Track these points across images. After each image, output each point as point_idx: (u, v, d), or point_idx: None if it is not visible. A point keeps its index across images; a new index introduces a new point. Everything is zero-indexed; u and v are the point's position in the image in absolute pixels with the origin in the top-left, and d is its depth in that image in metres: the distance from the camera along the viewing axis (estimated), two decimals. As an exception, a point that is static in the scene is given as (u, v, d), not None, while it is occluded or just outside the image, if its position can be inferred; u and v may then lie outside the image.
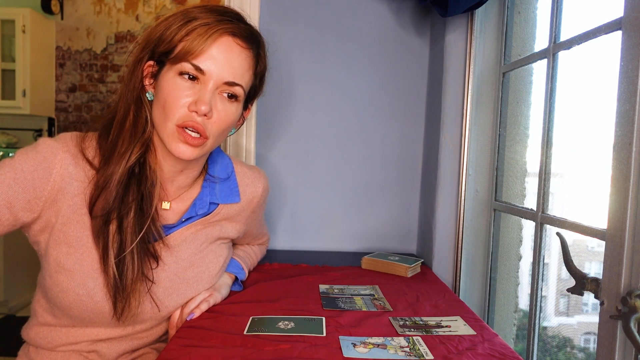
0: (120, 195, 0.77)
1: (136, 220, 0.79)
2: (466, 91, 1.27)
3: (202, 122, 0.77)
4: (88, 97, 3.56)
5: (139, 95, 0.80)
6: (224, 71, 0.77)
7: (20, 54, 3.13)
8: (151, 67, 0.80)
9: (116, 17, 3.50)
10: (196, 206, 0.90)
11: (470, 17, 1.25)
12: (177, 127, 0.77)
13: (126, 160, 0.78)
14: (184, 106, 0.76)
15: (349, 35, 1.47)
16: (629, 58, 0.70)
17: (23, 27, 3.12)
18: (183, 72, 0.76)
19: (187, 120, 0.76)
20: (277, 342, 0.77)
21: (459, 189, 1.29)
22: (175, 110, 0.76)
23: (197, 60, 0.75)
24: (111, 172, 0.77)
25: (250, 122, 1.46)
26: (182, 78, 0.76)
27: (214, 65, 0.76)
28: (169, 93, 0.76)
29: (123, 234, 0.78)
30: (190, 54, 0.75)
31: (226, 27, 0.77)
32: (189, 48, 0.75)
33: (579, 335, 1.37)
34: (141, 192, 0.80)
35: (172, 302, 0.87)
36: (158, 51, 0.78)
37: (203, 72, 0.76)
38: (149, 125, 0.81)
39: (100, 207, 0.77)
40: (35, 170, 0.74)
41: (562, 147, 0.97)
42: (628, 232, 0.69)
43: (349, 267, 1.27)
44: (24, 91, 3.14)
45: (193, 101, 0.76)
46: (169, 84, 0.76)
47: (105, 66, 3.55)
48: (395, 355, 0.74)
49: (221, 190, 0.94)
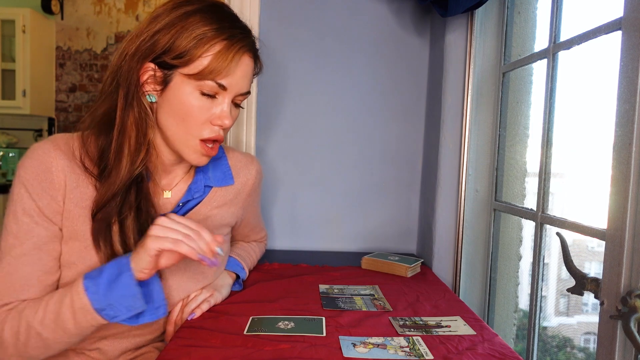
0: (123, 199, 0.79)
1: (137, 219, 0.80)
2: (466, 91, 1.27)
3: (222, 132, 0.83)
4: (88, 97, 3.56)
5: (137, 99, 0.79)
6: (242, 85, 0.82)
7: (20, 54, 3.12)
8: (153, 71, 0.78)
9: (116, 17, 3.50)
10: (192, 190, 0.92)
11: (470, 17, 1.25)
12: (200, 142, 0.81)
13: (134, 169, 0.79)
14: (207, 121, 0.80)
15: (349, 36, 1.47)
16: (628, 58, 0.70)
17: (23, 27, 3.12)
18: (205, 90, 0.78)
19: (212, 135, 0.81)
20: (277, 342, 0.77)
21: (459, 189, 1.29)
22: (199, 127, 0.80)
23: (221, 79, 0.78)
24: (120, 181, 0.78)
25: (251, 121, 1.46)
26: (204, 96, 0.78)
27: (235, 81, 0.80)
28: (192, 109, 0.78)
29: (125, 233, 0.79)
30: (215, 74, 0.77)
31: (245, 44, 0.80)
32: (213, 68, 0.76)
33: (579, 335, 1.37)
34: (142, 192, 0.81)
35: (174, 294, 0.87)
36: (165, 59, 0.77)
37: (225, 89, 0.79)
38: (151, 129, 0.81)
39: (103, 212, 0.78)
40: (37, 174, 0.76)
41: (562, 147, 0.97)
42: (628, 232, 0.69)
43: (349, 267, 1.27)
44: (24, 91, 3.14)
45: (217, 116, 0.80)
46: (189, 99, 0.78)
47: (105, 66, 3.54)
48: (395, 355, 0.74)
49: (214, 174, 0.96)
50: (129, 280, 0.71)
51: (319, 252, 1.48)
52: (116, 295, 0.71)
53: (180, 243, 0.72)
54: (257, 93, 1.46)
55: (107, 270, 0.72)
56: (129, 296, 0.72)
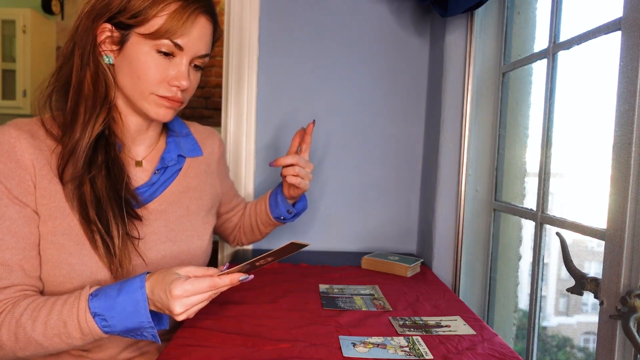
0: (89, 158, 0.79)
1: (109, 181, 0.80)
2: (466, 91, 1.27)
3: (180, 93, 0.83)
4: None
5: (94, 59, 0.80)
6: (200, 47, 0.82)
7: (20, 54, 3.12)
8: (110, 32, 0.79)
9: (116, 17, 3.50)
10: (165, 159, 0.93)
11: (470, 17, 1.25)
12: (157, 96, 0.81)
13: (92, 127, 0.79)
14: (163, 80, 0.80)
15: (349, 36, 1.47)
16: (628, 58, 0.70)
17: (23, 27, 3.12)
18: (162, 49, 0.78)
19: (167, 94, 0.81)
20: (277, 341, 0.77)
21: (459, 189, 1.30)
22: (155, 85, 0.80)
23: (177, 39, 0.78)
24: (77, 139, 0.78)
25: (251, 121, 1.46)
26: (160, 54, 0.79)
27: (191, 42, 0.80)
28: (148, 68, 0.79)
29: (97, 192, 0.79)
30: (170, 33, 0.77)
31: (200, 5, 0.80)
32: (169, 27, 0.77)
33: (579, 335, 1.37)
34: (110, 154, 0.82)
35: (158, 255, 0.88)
36: (121, 19, 0.78)
37: (181, 49, 0.79)
38: (111, 89, 0.82)
39: (69, 173, 0.78)
40: (2, 157, 0.76)
41: (562, 147, 0.97)
42: (628, 232, 0.69)
43: (349, 267, 1.27)
44: (24, 91, 3.14)
45: (174, 76, 0.80)
46: (145, 58, 0.79)
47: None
48: (395, 355, 0.74)
49: (185, 144, 0.98)
50: (144, 319, 0.70)
51: (319, 252, 1.48)
52: (130, 327, 0.71)
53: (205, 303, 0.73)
54: (257, 93, 1.46)
55: (120, 304, 0.70)
56: (144, 328, 0.72)
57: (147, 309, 0.70)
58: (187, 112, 3.70)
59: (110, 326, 0.71)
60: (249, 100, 1.45)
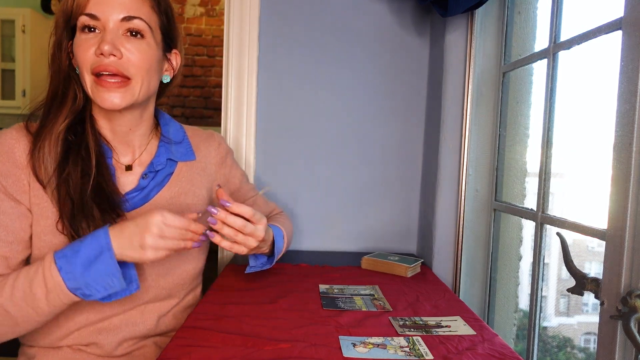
0: (59, 161, 0.80)
1: (85, 184, 0.81)
2: (466, 91, 1.27)
3: (114, 63, 0.79)
4: (88, 97, 3.56)
5: (68, 74, 0.84)
6: (115, 9, 0.79)
7: (20, 54, 3.12)
8: (69, 47, 0.83)
9: (116, 17, 3.50)
10: (154, 163, 0.92)
11: (470, 17, 1.25)
12: (94, 77, 0.79)
13: (53, 125, 0.81)
14: (92, 55, 0.79)
15: (349, 35, 1.47)
16: (629, 58, 0.70)
17: (23, 27, 3.12)
18: (83, 27, 0.79)
19: (97, 65, 0.78)
20: (276, 341, 0.77)
21: (459, 189, 1.29)
22: (86, 62, 0.79)
23: (88, 9, 0.78)
24: (42, 138, 0.80)
25: (251, 121, 1.46)
26: (84, 32, 0.80)
27: (102, 7, 0.79)
28: (78, 50, 0.80)
29: (71, 194, 0.80)
30: (81, 7, 0.78)
31: None
32: (78, 2, 0.78)
33: (579, 336, 1.37)
34: (85, 159, 0.82)
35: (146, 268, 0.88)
36: (72, 27, 0.81)
37: (98, 18, 0.78)
38: (79, 95, 0.84)
39: (42, 174, 0.80)
40: (1, 156, 0.80)
41: (562, 147, 0.97)
42: (628, 232, 0.69)
43: (349, 267, 1.27)
44: (24, 91, 3.14)
45: (97, 47, 0.79)
46: (78, 43, 0.80)
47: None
48: (395, 355, 0.74)
49: (177, 149, 0.98)
50: (110, 261, 0.72)
51: (319, 252, 1.48)
52: (94, 275, 0.72)
53: (174, 247, 0.76)
54: (257, 93, 1.46)
55: (84, 250, 0.72)
56: (108, 275, 0.72)
57: (110, 248, 0.72)
58: (187, 112, 3.70)
59: (73, 272, 0.71)
60: (249, 100, 1.45)
